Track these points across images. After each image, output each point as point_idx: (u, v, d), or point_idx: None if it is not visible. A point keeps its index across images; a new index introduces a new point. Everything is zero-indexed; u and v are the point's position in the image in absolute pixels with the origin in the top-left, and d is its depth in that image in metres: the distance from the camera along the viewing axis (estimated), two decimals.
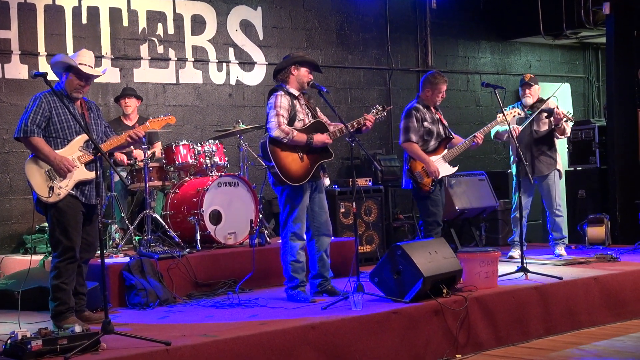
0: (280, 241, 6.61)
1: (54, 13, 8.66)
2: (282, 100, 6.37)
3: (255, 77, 10.01)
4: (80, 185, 5.74)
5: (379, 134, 10.90)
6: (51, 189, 5.65)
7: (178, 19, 9.49)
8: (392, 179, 10.02)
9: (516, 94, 8.43)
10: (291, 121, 6.41)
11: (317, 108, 6.73)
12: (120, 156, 8.23)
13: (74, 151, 5.74)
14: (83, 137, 5.74)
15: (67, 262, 5.69)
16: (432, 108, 7.61)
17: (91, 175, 5.67)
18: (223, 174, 7.99)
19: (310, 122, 6.51)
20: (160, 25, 9.37)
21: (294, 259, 6.42)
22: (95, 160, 5.35)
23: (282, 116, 6.33)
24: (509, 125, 7.66)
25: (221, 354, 5.01)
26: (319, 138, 6.41)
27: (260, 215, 8.01)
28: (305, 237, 6.51)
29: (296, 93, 6.50)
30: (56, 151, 5.68)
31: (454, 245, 8.83)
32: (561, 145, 11.67)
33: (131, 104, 8.49)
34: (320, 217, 6.56)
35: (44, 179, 5.67)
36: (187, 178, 8.05)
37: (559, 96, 12.73)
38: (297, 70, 6.48)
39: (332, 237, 6.83)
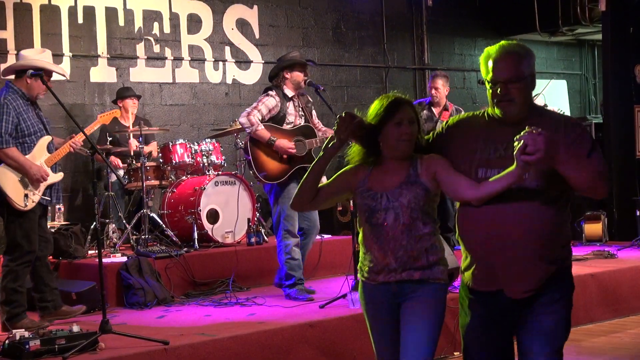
0: (276, 239, 6.63)
1: (50, 13, 8.65)
2: (269, 100, 6.48)
3: (252, 75, 10.01)
4: (47, 188, 5.75)
5: None
6: (26, 196, 5.61)
7: (174, 18, 9.49)
8: None
9: None
10: (280, 122, 6.49)
11: (313, 112, 6.74)
12: (115, 160, 8.23)
13: (41, 155, 5.71)
14: (46, 139, 5.75)
15: (24, 265, 5.68)
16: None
17: (58, 177, 5.74)
18: (220, 173, 7.99)
19: (299, 125, 6.55)
20: (156, 25, 9.36)
21: (289, 256, 6.45)
22: (93, 161, 5.34)
23: (258, 110, 6.43)
24: None
25: (219, 352, 5.02)
26: (282, 144, 6.40)
27: (258, 214, 8.01)
28: (297, 235, 6.53)
29: (290, 94, 6.56)
30: (26, 156, 5.63)
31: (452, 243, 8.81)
32: None
33: (136, 104, 8.56)
34: (310, 215, 6.59)
35: (19, 187, 5.61)
36: (184, 177, 8.05)
37: (558, 93, 12.76)
38: (289, 73, 6.54)
39: (324, 237, 6.90)
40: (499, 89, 3.23)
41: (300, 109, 6.62)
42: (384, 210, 3.40)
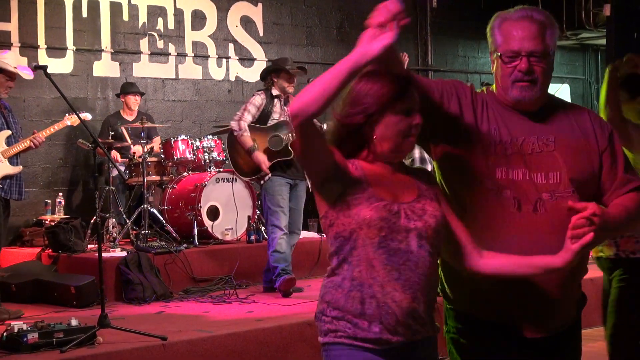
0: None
1: (55, 6, 8.65)
2: (256, 99, 6.86)
3: (255, 73, 9.99)
4: (3, 179, 5.78)
5: None
6: None
7: (178, 14, 9.49)
8: None
9: None
10: (265, 118, 6.82)
11: None
12: (114, 154, 8.23)
13: None
14: (4, 133, 5.83)
15: None
16: None
17: (15, 170, 5.78)
18: (221, 169, 7.98)
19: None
20: (160, 20, 9.36)
21: (274, 249, 6.61)
22: (94, 154, 5.34)
23: (248, 112, 6.82)
24: None
25: (217, 349, 5.01)
26: (259, 158, 6.68)
27: (258, 212, 8.01)
28: (284, 228, 6.67)
29: (276, 93, 6.86)
30: None
31: None
32: None
33: (138, 100, 8.56)
34: (293, 213, 6.79)
35: None
36: (185, 173, 8.05)
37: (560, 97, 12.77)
38: (276, 78, 6.85)
39: (324, 236, 6.88)
40: (517, 66, 2.45)
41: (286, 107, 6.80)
42: (405, 231, 2.32)
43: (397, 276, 2.29)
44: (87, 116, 6.88)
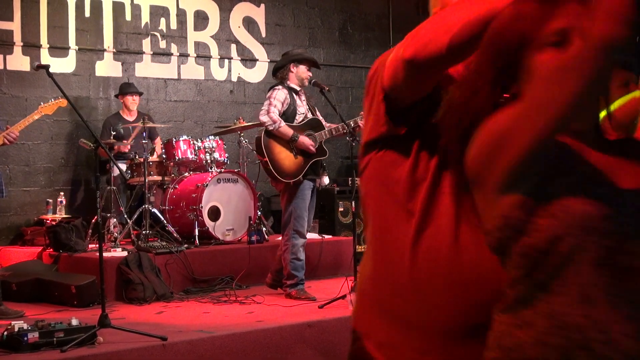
0: (282, 238, 6.64)
1: (57, 5, 8.66)
2: (279, 94, 6.48)
3: (257, 74, 10.01)
4: None
5: None
6: None
7: (181, 14, 9.49)
8: None
9: None
10: (291, 116, 6.51)
11: (315, 107, 6.81)
12: (123, 148, 8.22)
13: None
14: None
15: None
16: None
17: None
18: (223, 170, 7.98)
19: (308, 118, 6.60)
20: (163, 20, 9.37)
21: (295, 256, 6.45)
22: (96, 154, 5.35)
23: (274, 106, 6.43)
24: None
25: (217, 350, 5.01)
26: (304, 140, 6.44)
27: (259, 213, 8.01)
28: (306, 235, 6.54)
29: (297, 88, 6.59)
30: None
31: None
32: None
33: (136, 100, 8.54)
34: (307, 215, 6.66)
35: None
36: (186, 173, 8.05)
37: None
38: (295, 67, 6.56)
39: (324, 237, 7.24)
40: None
41: (307, 103, 6.68)
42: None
43: (630, 307, 1.44)
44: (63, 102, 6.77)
